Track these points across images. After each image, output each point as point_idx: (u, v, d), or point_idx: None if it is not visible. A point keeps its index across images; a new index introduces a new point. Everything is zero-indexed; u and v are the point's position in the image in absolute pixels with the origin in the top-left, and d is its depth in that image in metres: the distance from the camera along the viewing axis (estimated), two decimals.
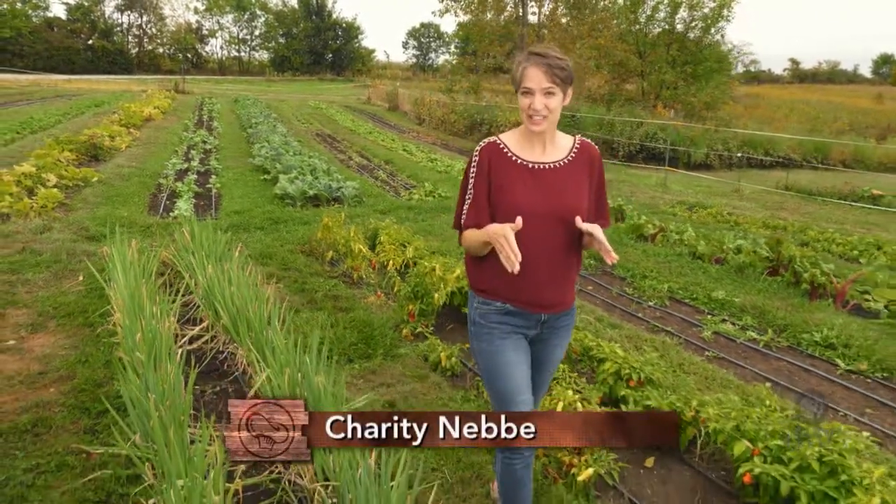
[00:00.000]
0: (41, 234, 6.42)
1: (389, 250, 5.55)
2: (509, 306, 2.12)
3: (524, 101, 2.01)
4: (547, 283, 2.10)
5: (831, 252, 7.51)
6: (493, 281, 2.12)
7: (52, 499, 2.63)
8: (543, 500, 2.80)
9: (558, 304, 2.16)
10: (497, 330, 2.15)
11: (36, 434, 3.09)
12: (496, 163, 2.08)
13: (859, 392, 4.21)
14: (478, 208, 2.08)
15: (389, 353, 4.25)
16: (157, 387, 2.87)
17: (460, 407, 3.60)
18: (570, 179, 2.09)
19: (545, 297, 2.11)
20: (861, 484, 2.36)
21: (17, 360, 3.85)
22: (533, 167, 2.08)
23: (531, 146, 2.11)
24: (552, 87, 1.97)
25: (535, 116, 2.00)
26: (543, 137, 2.10)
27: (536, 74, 1.96)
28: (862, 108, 40.67)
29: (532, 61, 1.97)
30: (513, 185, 2.06)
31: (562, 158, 2.12)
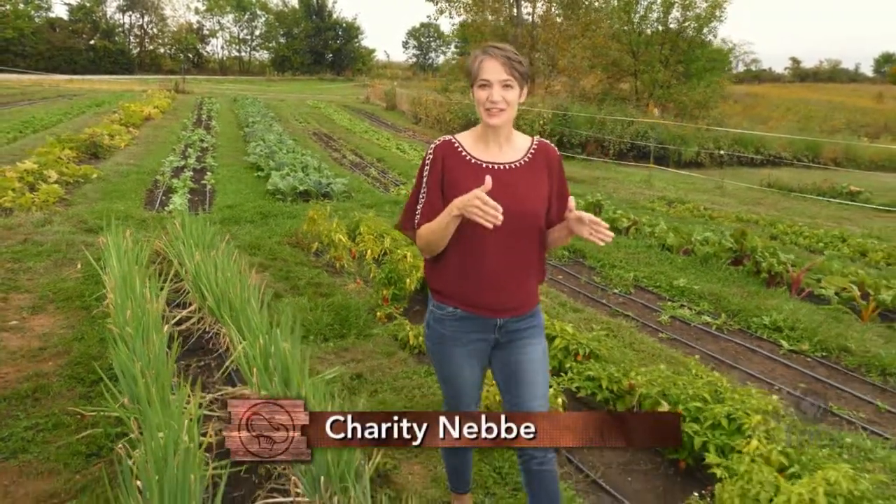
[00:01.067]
0: (42, 227, 6.77)
1: (368, 240, 5.90)
2: (461, 311, 2.09)
3: (481, 93, 1.97)
4: (502, 285, 2.05)
5: (798, 244, 7.84)
6: (449, 282, 2.09)
7: (49, 451, 2.98)
8: (493, 458, 3.14)
9: (514, 308, 2.09)
10: (452, 338, 2.12)
11: (35, 399, 3.44)
12: (450, 162, 2.05)
13: (798, 369, 4.54)
14: (432, 208, 2.03)
15: (362, 332, 4.60)
16: (143, 356, 3.22)
17: (423, 379, 3.94)
18: (526, 180, 2.06)
19: (500, 300, 2.07)
20: (746, 432, 2.70)
21: (19, 338, 4.21)
22: (488, 167, 2.04)
23: (487, 146, 2.07)
24: (510, 80, 1.94)
25: (493, 108, 1.96)
26: (500, 136, 2.06)
27: (494, 66, 1.94)
28: (861, 107, 40.86)
29: (490, 53, 1.96)
30: (467, 185, 1.97)
31: (518, 159, 2.08)
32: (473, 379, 2.21)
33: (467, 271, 2.05)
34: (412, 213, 2.10)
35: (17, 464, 2.89)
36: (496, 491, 2.87)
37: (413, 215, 2.09)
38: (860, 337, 4.94)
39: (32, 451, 2.98)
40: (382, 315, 4.87)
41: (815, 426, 3.02)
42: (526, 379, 2.13)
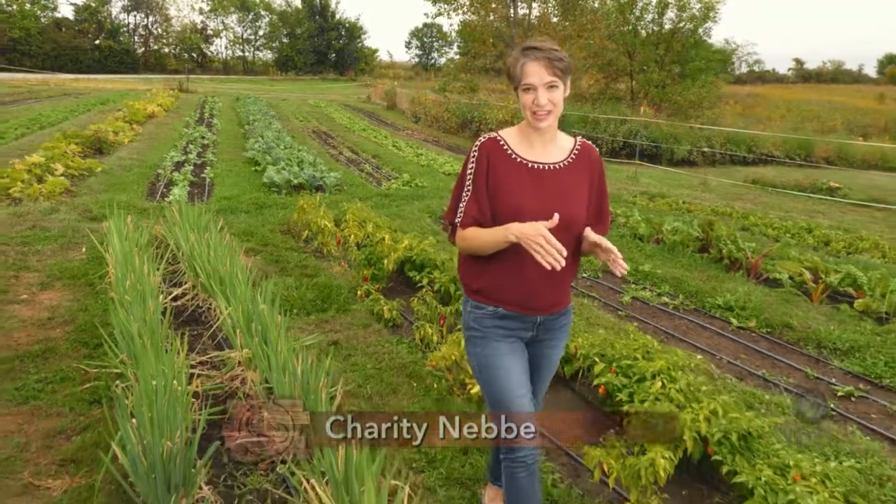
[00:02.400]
0: (49, 215, 7.21)
1: (352, 226, 6.31)
2: (502, 310, 2.09)
3: (526, 97, 1.95)
4: (543, 286, 2.06)
5: (766, 235, 8.22)
6: (489, 282, 2.08)
7: (56, 399, 3.40)
8: (448, 407, 3.54)
9: (552, 307, 2.13)
10: (492, 333, 2.12)
11: (45, 358, 3.87)
12: (495, 159, 2.04)
13: (742, 343, 4.94)
14: (479, 204, 2.03)
15: (342, 308, 5.02)
16: (140, 319, 3.64)
17: (393, 347, 4.35)
18: (570, 181, 2.06)
19: (540, 299, 2.09)
20: (662, 380, 3.11)
21: (30, 309, 4.64)
22: (533, 167, 2.04)
23: (531, 145, 2.07)
24: (555, 81, 1.93)
25: (540, 112, 1.95)
26: (545, 136, 2.05)
27: (537, 69, 1.91)
28: (862, 107, 41.07)
29: (530, 56, 1.92)
30: (511, 183, 2.01)
31: (563, 160, 2.08)
32: (521, 370, 2.13)
33: (509, 271, 2.05)
34: (455, 208, 2.09)
35: (29, 408, 3.32)
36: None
37: (455, 211, 2.08)
38: (804, 315, 5.34)
39: (42, 398, 3.41)
40: (362, 293, 5.28)
41: (815, 426, 3.22)
42: (540, 375, 2.26)
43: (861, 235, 8.13)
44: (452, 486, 2.89)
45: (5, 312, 4.53)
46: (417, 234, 6.64)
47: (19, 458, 2.91)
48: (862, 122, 33.48)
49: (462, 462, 3.05)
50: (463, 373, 3.77)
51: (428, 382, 3.82)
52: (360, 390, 3.72)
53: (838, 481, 2.79)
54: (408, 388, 3.78)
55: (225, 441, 3.24)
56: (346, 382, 3.78)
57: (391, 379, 3.87)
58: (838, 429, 3.63)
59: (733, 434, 2.89)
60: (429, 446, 3.15)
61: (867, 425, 3.74)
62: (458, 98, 24.61)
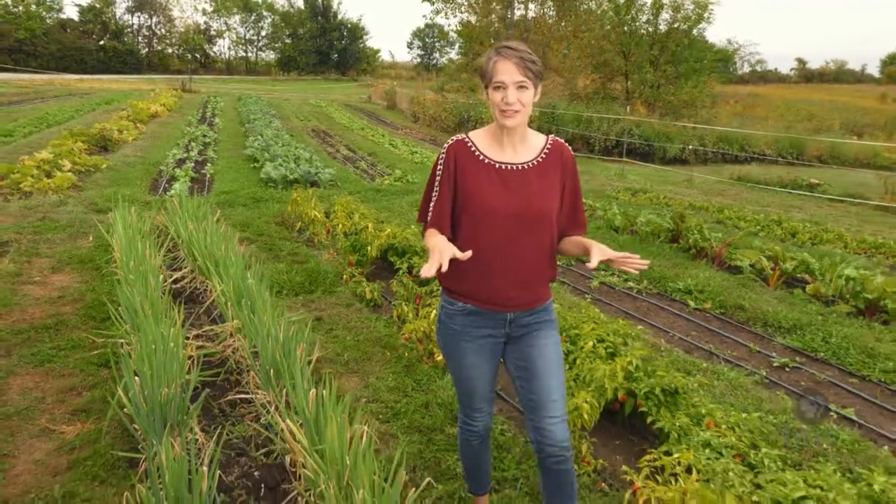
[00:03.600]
0: (58, 207, 7.67)
1: (340, 217, 6.74)
2: (471, 306, 2.13)
3: (496, 95, 1.97)
4: (512, 284, 2.08)
5: (739, 227, 8.62)
6: (459, 278, 2.12)
7: (68, 362, 3.85)
8: (417, 374, 3.97)
9: (524, 304, 2.13)
10: (462, 333, 2.16)
11: (57, 330, 4.31)
12: (463, 162, 2.07)
13: (695, 322, 5.36)
14: (441, 208, 2.08)
15: (328, 290, 5.45)
16: (142, 293, 4.07)
17: (372, 323, 4.78)
18: (538, 180, 2.07)
19: (509, 296, 2.10)
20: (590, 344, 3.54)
21: (42, 289, 5.08)
22: (500, 167, 2.06)
23: (500, 145, 2.09)
24: (524, 81, 1.94)
25: (508, 110, 1.97)
26: (514, 136, 2.08)
27: (508, 68, 1.93)
28: (863, 107, 41.27)
29: (503, 54, 1.95)
30: (479, 184, 2.04)
31: (532, 159, 2.09)
32: (486, 374, 2.22)
33: (480, 270, 2.07)
34: (426, 209, 2.14)
35: (44, 369, 3.76)
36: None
37: (426, 212, 2.13)
38: (757, 298, 5.75)
39: (56, 362, 3.86)
40: (347, 277, 5.71)
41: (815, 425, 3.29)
42: (539, 373, 2.13)
43: (826, 227, 8.55)
44: (413, 433, 3.32)
45: (20, 292, 4.98)
46: (402, 224, 7.08)
47: (37, 408, 3.36)
48: (862, 121, 33.76)
49: (423, 415, 3.48)
50: (432, 343, 4.19)
51: (400, 352, 4.25)
52: (338, 357, 4.16)
53: (745, 428, 3.22)
54: (382, 356, 4.22)
55: (216, 395, 3.70)
56: (326, 351, 4.22)
57: (367, 349, 4.30)
58: (768, 393, 4.05)
59: (657, 388, 3.32)
60: (395, 402, 3.60)
61: (794, 390, 4.16)
62: (455, 97, 25.05)
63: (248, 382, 3.74)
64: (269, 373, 3.38)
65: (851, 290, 5.61)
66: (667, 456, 2.82)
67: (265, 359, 3.46)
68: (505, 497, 2.84)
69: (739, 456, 3.01)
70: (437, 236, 1.99)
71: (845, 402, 4.04)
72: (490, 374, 2.24)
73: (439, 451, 3.16)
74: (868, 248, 7.68)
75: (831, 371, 4.51)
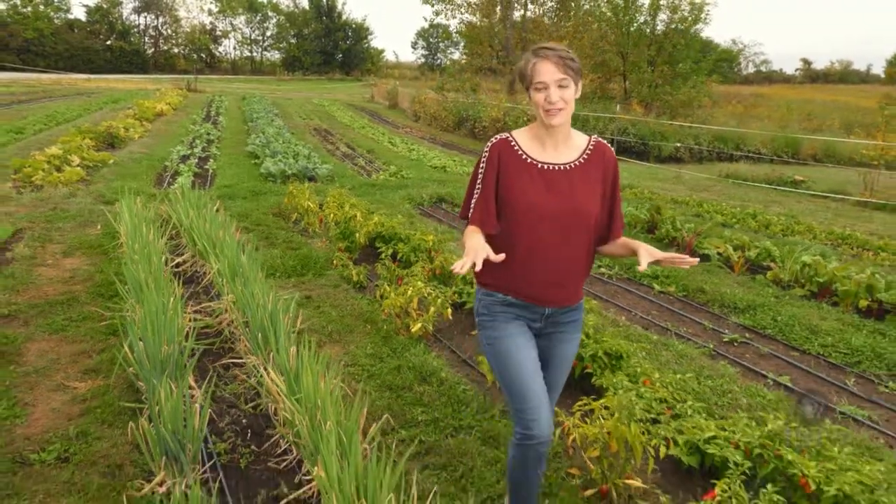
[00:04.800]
0: (68, 199, 8.14)
1: (332, 207, 7.18)
2: (511, 298, 2.15)
3: (538, 96, 1.99)
4: (551, 283, 2.11)
5: (716, 220, 9.01)
6: (498, 276, 2.13)
7: (80, 331, 4.29)
8: (393, 343, 4.39)
9: (561, 301, 2.17)
10: (501, 316, 2.17)
11: (69, 305, 4.76)
12: (506, 160, 2.09)
13: (658, 303, 5.76)
14: (485, 205, 2.10)
15: (318, 273, 5.88)
16: (146, 270, 4.51)
17: (357, 301, 5.20)
18: (581, 181, 2.08)
19: (548, 294, 2.13)
20: None
21: (55, 271, 5.54)
22: (542, 167, 2.07)
23: (543, 145, 2.10)
24: (565, 79, 1.97)
25: (552, 109, 1.98)
26: (557, 136, 2.08)
27: (548, 67, 1.96)
28: (865, 107, 41.35)
29: (541, 55, 1.98)
30: (521, 184, 2.05)
31: (574, 159, 2.10)
32: (534, 360, 2.16)
33: (518, 268, 2.10)
34: (468, 206, 2.16)
35: (59, 337, 4.21)
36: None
37: (468, 208, 2.15)
38: (719, 282, 6.16)
39: (69, 330, 4.30)
40: (337, 261, 6.14)
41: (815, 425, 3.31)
42: (552, 370, 2.25)
43: (798, 220, 8.94)
44: (384, 390, 3.75)
45: (34, 273, 5.43)
46: (391, 214, 7.50)
47: (52, 368, 3.80)
48: (863, 121, 33.94)
49: (394, 376, 3.91)
50: (408, 318, 4.62)
51: (380, 325, 4.68)
52: (323, 329, 4.59)
53: (678, 387, 3.64)
54: (362, 328, 4.65)
55: (212, 359, 4.13)
56: (312, 324, 4.66)
57: (350, 322, 4.74)
58: (711, 363, 4.45)
59: (600, 352, 3.74)
60: (371, 365, 4.03)
61: (737, 361, 4.57)
62: (455, 97, 25.47)
63: (241, 350, 4.17)
64: (258, 337, 3.81)
65: (806, 276, 6.01)
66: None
67: (255, 325, 3.89)
68: (461, 440, 3.26)
69: (669, 409, 3.43)
70: (474, 236, 2.00)
71: (783, 372, 4.45)
72: (537, 363, 2.16)
73: (406, 405, 3.59)
74: (835, 239, 8.07)
75: (776, 346, 4.92)
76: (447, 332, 4.73)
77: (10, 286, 5.04)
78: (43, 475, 2.82)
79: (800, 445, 2.86)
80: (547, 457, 2.30)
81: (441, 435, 3.31)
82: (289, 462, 3.06)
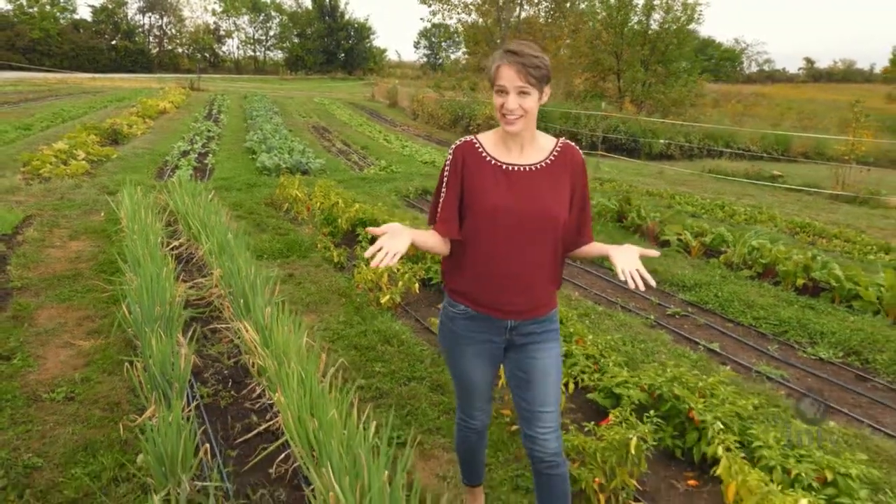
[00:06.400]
0: (74, 189, 8.68)
1: (318, 196, 7.70)
2: (472, 310, 2.10)
3: (498, 100, 1.95)
4: (514, 288, 2.04)
5: (685, 211, 9.50)
6: (463, 281, 2.11)
7: (84, 301, 4.83)
8: (363, 313, 4.91)
9: (527, 311, 2.08)
10: (462, 336, 2.15)
11: (75, 279, 5.29)
12: (470, 162, 2.06)
13: (612, 282, 6.26)
14: (447, 208, 2.06)
15: (303, 255, 6.40)
16: (143, 247, 5.04)
17: (334, 279, 5.72)
18: (546, 182, 2.03)
19: (511, 302, 2.06)
20: None
21: (62, 252, 6.07)
22: (507, 168, 2.04)
23: (507, 147, 2.06)
24: (526, 87, 1.91)
25: (509, 116, 1.94)
26: (521, 138, 2.05)
27: (510, 73, 1.90)
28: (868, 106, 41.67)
29: (506, 59, 1.91)
30: (485, 185, 2.02)
31: (540, 161, 2.06)
32: (484, 378, 2.22)
33: (481, 271, 2.05)
34: (434, 211, 2.12)
35: (66, 305, 4.74)
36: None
37: (435, 213, 2.11)
38: (672, 264, 6.66)
39: (74, 300, 4.84)
40: (321, 245, 6.66)
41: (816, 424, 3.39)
42: (536, 385, 2.13)
43: (763, 210, 9.43)
44: (351, 349, 4.27)
45: (43, 253, 5.97)
46: (371, 203, 8.02)
47: (60, 329, 4.33)
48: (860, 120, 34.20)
49: (361, 338, 4.43)
50: (379, 292, 5.13)
51: (353, 298, 5.20)
52: (301, 301, 5.12)
53: (608, 346, 4.14)
54: (337, 301, 5.17)
55: (201, 325, 4.66)
56: (292, 296, 5.18)
57: (327, 296, 5.26)
58: (649, 331, 4.96)
59: None
60: (341, 330, 4.55)
61: (675, 330, 5.07)
62: (452, 95, 25.98)
63: (227, 316, 4.70)
64: (240, 303, 4.33)
65: (753, 258, 6.51)
66: None
67: (237, 293, 4.41)
68: (412, 388, 3.78)
69: (596, 364, 3.94)
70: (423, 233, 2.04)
71: (715, 340, 4.95)
72: (489, 377, 2.23)
73: (368, 361, 4.11)
74: (794, 228, 8.56)
75: (714, 319, 5.42)
76: (415, 305, 5.25)
77: (22, 263, 5.58)
78: (52, 409, 3.35)
79: (693, 387, 3.37)
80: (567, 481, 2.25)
81: (396, 383, 3.83)
82: (262, 403, 3.58)
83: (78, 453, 2.97)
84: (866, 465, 2.77)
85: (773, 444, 2.84)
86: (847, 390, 4.22)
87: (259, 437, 3.24)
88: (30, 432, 3.13)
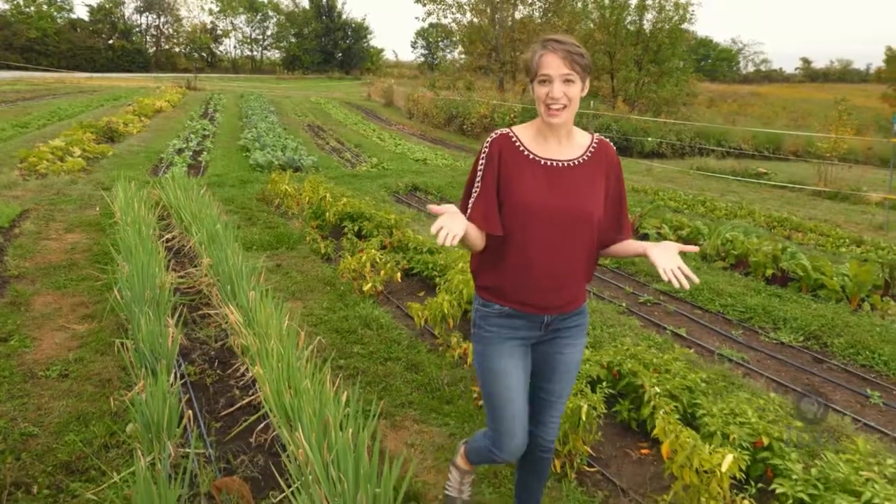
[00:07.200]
0: (70, 185, 8.89)
1: (308, 191, 7.92)
2: (508, 308, 2.05)
3: (541, 90, 1.89)
4: (551, 285, 2.01)
5: (668, 206, 9.74)
6: (496, 280, 2.06)
7: (79, 288, 5.04)
8: (347, 300, 5.13)
9: (561, 306, 2.06)
10: (496, 333, 2.08)
11: (70, 268, 5.51)
12: (507, 156, 2.00)
13: (605, 280, 6.49)
14: (486, 204, 2.00)
15: (291, 247, 6.62)
16: (136, 238, 5.26)
17: (322, 269, 5.94)
18: (584, 179, 2.00)
19: (548, 298, 2.03)
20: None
21: (58, 243, 6.29)
22: (545, 164, 1.99)
23: (545, 141, 2.02)
24: (571, 75, 1.86)
25: (554, 105, 1.89)
26: (559, 132, 1.99)
27: (554, 61, 1.86)
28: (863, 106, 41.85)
29: (549, 47, 1.88)
30: (522, 181, 1.97)
31: (577, 157, 2.02)
32: (518, 381, 2.11)
33: (517, 268, 2.01)
34: (466, 204, 2.05)
35: (61, 292, 4.96)
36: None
37: (466, 207, 2.04)
38: None
39: (69, 287, 5.05)
40: (309, 238, 6.88)
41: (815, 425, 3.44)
42: (559, 378, 2.16)
43: (742, 206, 9.67)
44: (332, 333, 4.49)
45: (40, 244, 6.19)
46: (359, 197, 8.24)
47: (56, 314, 4.55)
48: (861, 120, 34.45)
49: (343, 323, 4.65)
50: (362, 280, 5.35)
51: (337, 286, 5.42)
52: (287, 289, 5.34)
53: None
54: (322, 289, 5.39)
55: (190, 311, 4.87)
56: (278, 285, 5.39)
57: (312, 284, 5.48)
58: (620, 317, 5.18)
59: None
60: (324, 315, 4.77)
61: (645, 317, 5.30)
62: (447, 94, 26.18)
63: (215, 302, 4.92)
64: (227, 289, 4.55)
65: (726, 250, 6.74)
66: None
67: (224, 279, 4.64)
68: (388, 367, 4.00)
69: None
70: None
71: (682, 325, 5.17)
72: (524, 380, 2.13)
73: (348, 343, 4.33)
74: (772, 222, 8.79)
75: (684, 307, 5.65)
76: (397, 293, 5.47)
77: (19, 254, 5.79)
78: (48, 385, 3.57)
79: (649, 363, 3.60)
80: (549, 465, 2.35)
81: (373, 363, 4.05)
82: (246, 381, 3.80)
83: (71, 423, 3.19)
84: (801, 431, 3.00)
85: (716, 413, 3.06)
86: (803, 370, 4.46)
87: (241, 411, 3.46)
88: (26, 405, 3.34)
